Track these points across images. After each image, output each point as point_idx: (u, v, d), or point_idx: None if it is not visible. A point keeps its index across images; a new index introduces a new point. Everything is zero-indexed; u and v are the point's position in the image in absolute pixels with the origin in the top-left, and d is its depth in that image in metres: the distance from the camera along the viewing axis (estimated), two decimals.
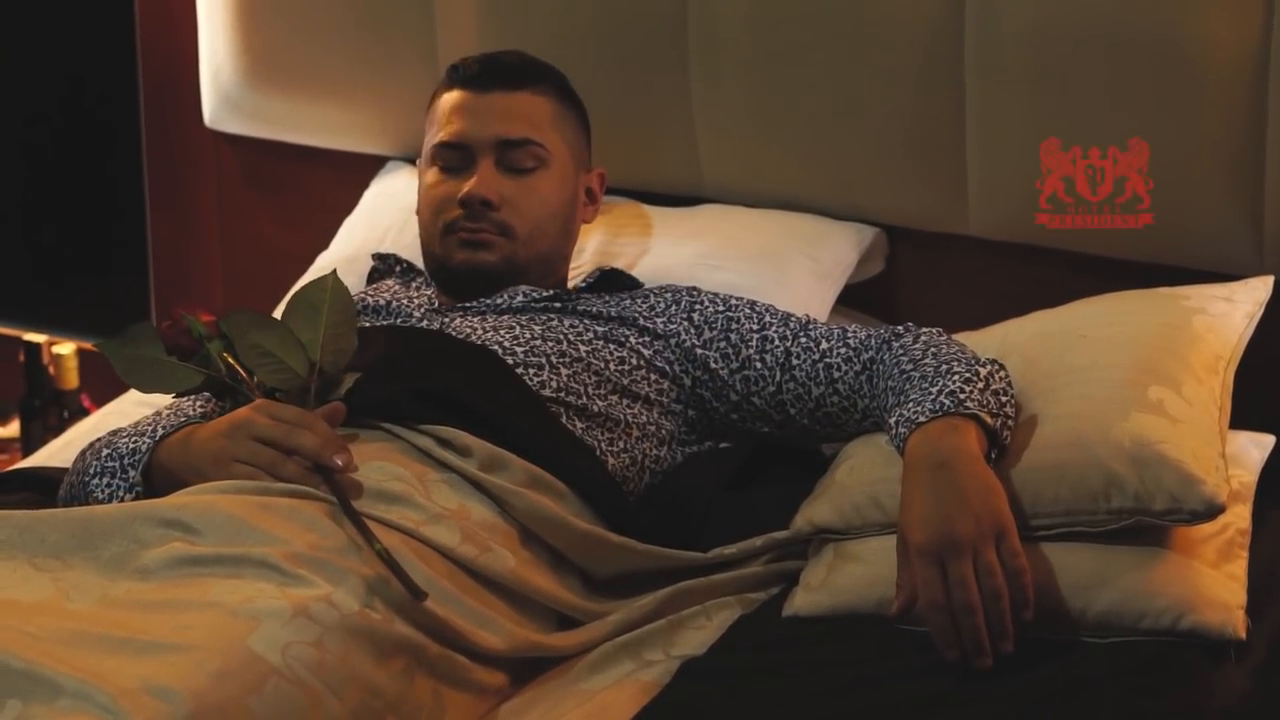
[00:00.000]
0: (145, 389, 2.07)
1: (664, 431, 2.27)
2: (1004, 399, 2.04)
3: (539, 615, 2.00)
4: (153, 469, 2.03)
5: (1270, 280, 2.35)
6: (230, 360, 2.05)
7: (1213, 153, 2.48)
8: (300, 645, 1.71)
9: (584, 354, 2.24)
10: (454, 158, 2.40)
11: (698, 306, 2.34)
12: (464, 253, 2.39)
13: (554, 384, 2.19)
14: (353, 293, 2.50)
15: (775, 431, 2.30)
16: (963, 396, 1.99)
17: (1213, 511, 1.92)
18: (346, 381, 2.04)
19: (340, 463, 1.93)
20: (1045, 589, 1.91)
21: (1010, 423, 2.03)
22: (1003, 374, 2.08)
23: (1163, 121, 2.48)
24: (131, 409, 2.57)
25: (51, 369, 3.25)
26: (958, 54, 2.58)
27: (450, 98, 2.44)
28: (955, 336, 2.25)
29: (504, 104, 2.42)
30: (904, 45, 2.62)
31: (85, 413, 3.16)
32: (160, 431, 2.06)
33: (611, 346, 2.27)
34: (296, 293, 2.06)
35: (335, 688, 1.71)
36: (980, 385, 2.02)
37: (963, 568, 1.85)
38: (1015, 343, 2.25)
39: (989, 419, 1.99)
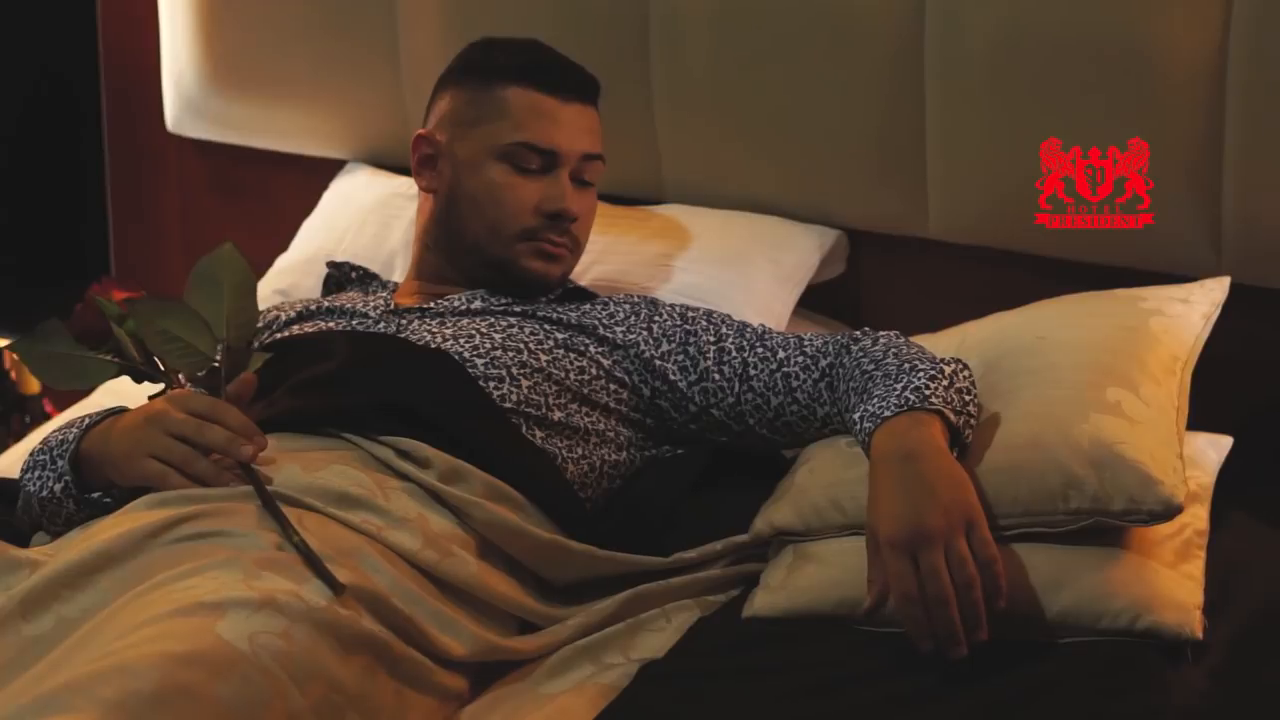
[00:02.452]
0: (61, 385, 2.06)
1: (622, 437, 2.27)
2: (967, 398, 2.04)
3: (500, 620, 2.00)
4: (80, 459, 2.03)
5: (1227, 281, 2.36)
6: (144, 343, 2.03)
7: (1171, 157, 2.49)
8: (267, 635, 1.70)
9: (544, 364, 2.24)
10: (535, 160, 2.39)
11: (656, 319, 2.33)
12: (539, 263, 2.39)
13: (514, 396, 2.19)
14: (309, 299, 2.50)
15: (734, 441, 2.30)
16: (927, 393, 2.00)
17: (1171, 512, 1.93)
18: (256, 360, 2.03)
19: (248, 453, 1.93)
20: (1006, 588, 1.90)
21: (972, 421, 2.03)
22: (966, 373, 2.08)
23: (1121, 127, 2.49)
24: None
25: (13, 374, 3.24)
26: (918, 59, 2.59)
27: (533, 98, 2.40)
28: (913, 339, 2.25)
29: (585, 118, 2.43)
30: (866, 50, 2.62)
31: (47, 417, 3.16)
32: (88, 421, 2.06)
33: (571, 356, 2.27)
34: (195, 268, 2.03)
35: (299, 680, 1.71)
36: (945, 383, 2.03)
37: (935, 558, 1.85)
38: (973, 344, 2.25)
39: (952, 416, 1.99)
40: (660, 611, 2.03)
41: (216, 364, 2.01)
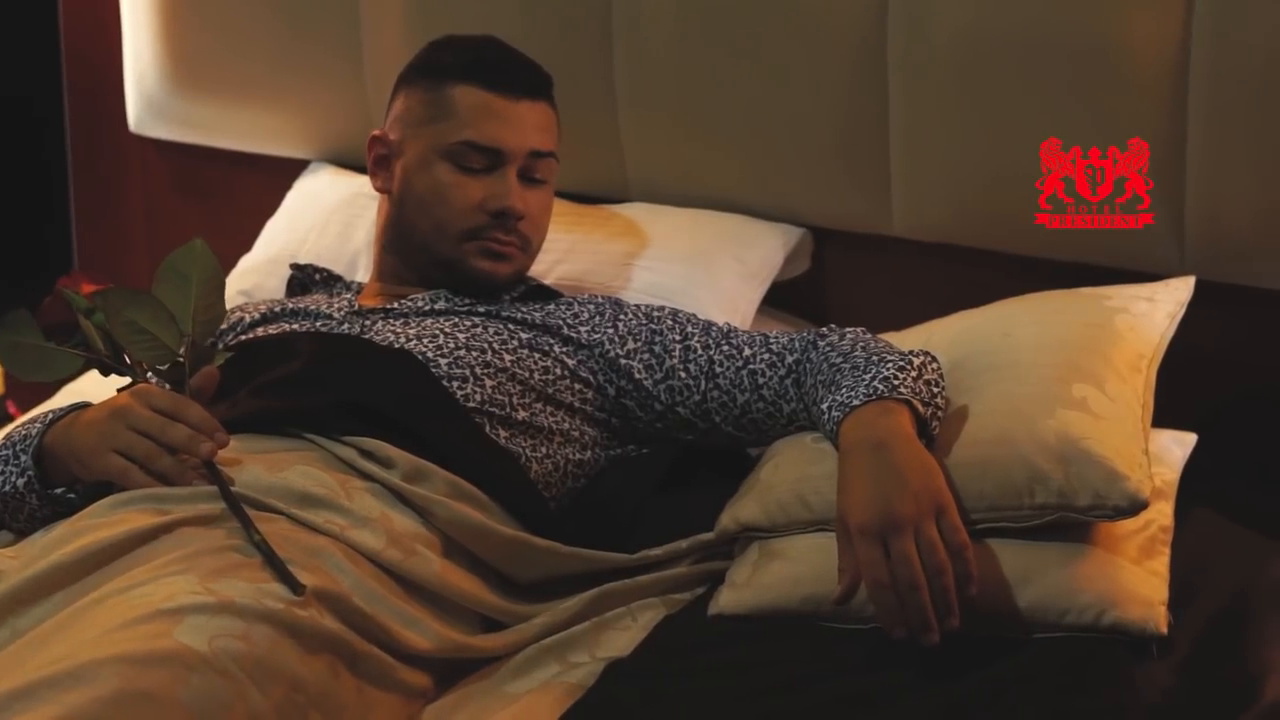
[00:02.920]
0: (28, 376, 2.04)
1: (587, 437, 2.27)
2: (935, 390, 2.04)
3: (464, 619, 1.99)
4: (44, 454, 2.02)
5: (1191, 281, 2.37)
6: (111, 337, 2.03)
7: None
8: (227, 638, 1.69)
9: (508, 364, 2.23)
10: (479, 160, 2.38)
11: (621, 318, 2.33)
12: (486, 262, 2.39)
13: (479, 396, 2.18)
14: (273, 300, 2.50)
15: (700, 439, 2.29)
16: (896, 383, 2.00)
17: (1136, 507, 1.93)
18: (220, 356, 2.04)
19: (209, 450, 1.92)
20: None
21: (940, 414, 2.04)
22: (935, 365, 2.08)
23: (1085, 124, 2.50)
24: None
25: None
26: (882, 58, 2.59)
27: (479, 96, 2.40)
28: (880, 336, 2.26)
29: (534, 115, 2.42)
30: (830, 48, 2.62)
31: (10, 418, 3.14)
32: (51, 416, 2.05)
33: (536, 355, 2.27)
34: (165, 261, 2.02)
35: (260, 681, 1.70)
36: (913, 374, 2.03)
37: (905, 544, 1.84)
38: (939, 342, 2.26)
39: (920, 407, 1.99)
40: (626, 610, 2.03)
41: (181, 358, 2.00)
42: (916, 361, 2.06)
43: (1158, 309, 2.29)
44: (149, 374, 2.04)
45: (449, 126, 2.39)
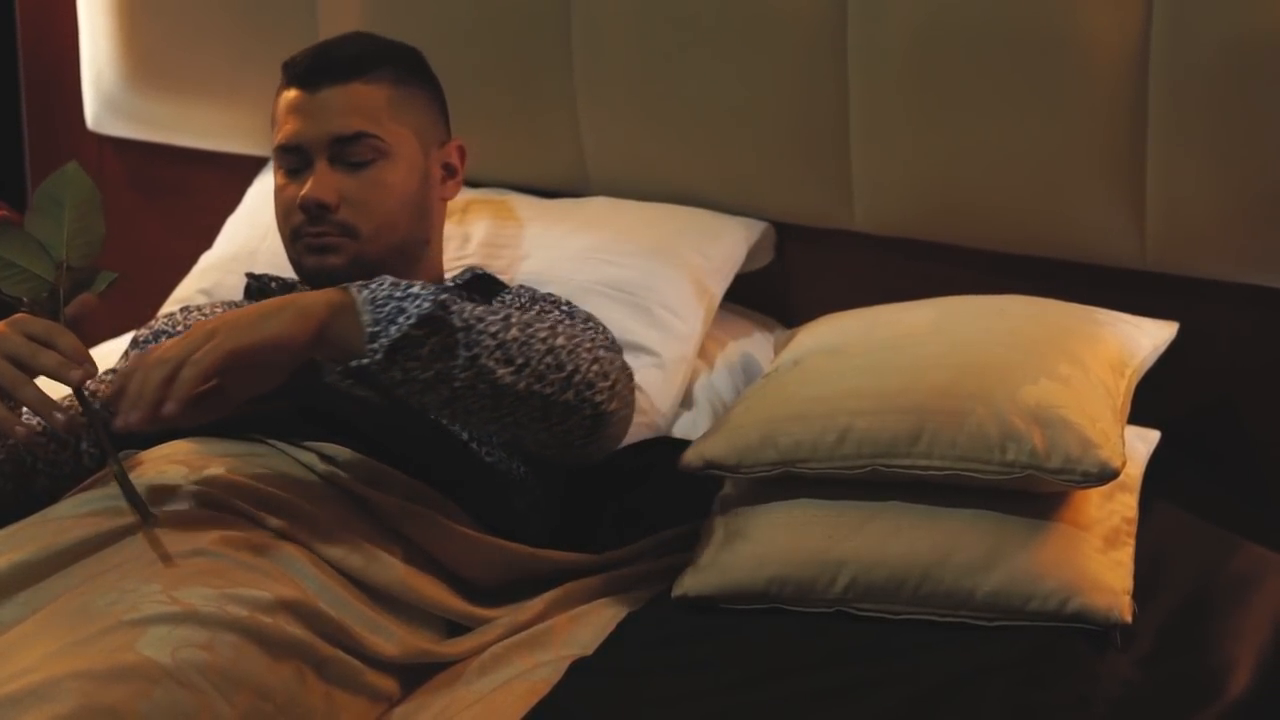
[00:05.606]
0: None
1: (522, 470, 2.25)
2: (401, 301, 1.92)
3: (429, 623, 1.99)
4: None
5: (1175, 326, 2.40)
6: None
7: (1096, 148, 2.50)
8: (190, 649, 1.69)
9: None
10: (292, 160, 2.34)
11: (539, 302, 2.33)
12: (311, 258, 2.32)
13: None
14: (232, 301, 2.48)
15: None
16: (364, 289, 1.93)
17: (1106, 475, 1.94)
18: (100, 281, 2.01)
19: (77, 377, 1.89)
20: (936, 568, 1.93)
21: (391, 329, 1.90)
22: (445, 297, 1.95)
23: (1046, 118, 2.50)
24: None
25: None
26: (841, 51, 2.59)
27: (286, 98, 2.35)
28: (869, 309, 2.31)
29: (335, 99, 2.33)
30: (789, 42, 2.63)
31: None
32: None
33: None
34: (38, 190, 2.00)
35: (225, 691, 1.69)
36: (390, 287, 1.94)
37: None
38: (931, 305, 2.31)
39: (355, 293, 1.92)
40: (589, 607, 2.03)
41: (54, 288, 1.98)
42: (415, 288, 1.95)
43: (1143, 335, 2.33)
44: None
45: (273, 136, 2.38)
